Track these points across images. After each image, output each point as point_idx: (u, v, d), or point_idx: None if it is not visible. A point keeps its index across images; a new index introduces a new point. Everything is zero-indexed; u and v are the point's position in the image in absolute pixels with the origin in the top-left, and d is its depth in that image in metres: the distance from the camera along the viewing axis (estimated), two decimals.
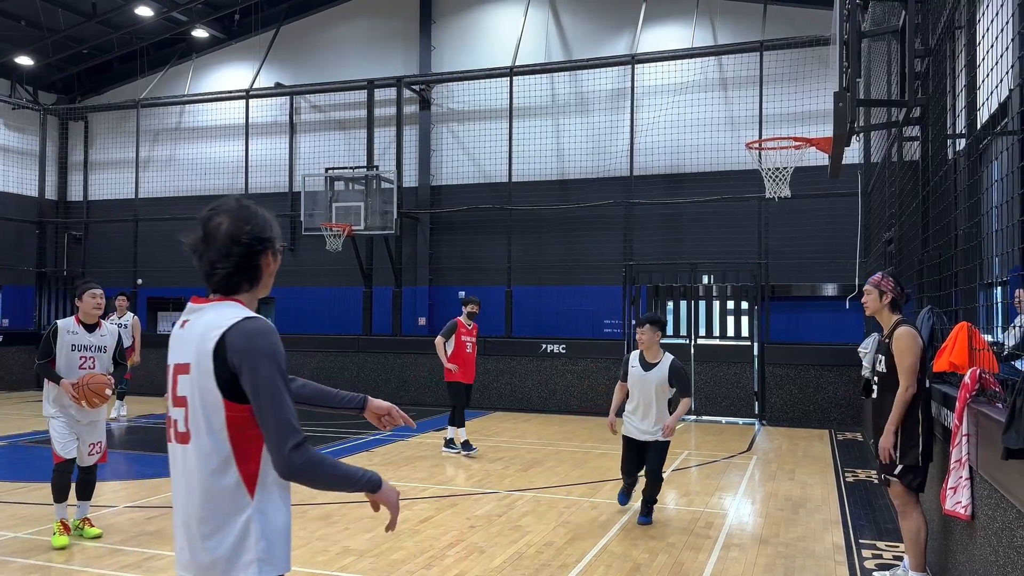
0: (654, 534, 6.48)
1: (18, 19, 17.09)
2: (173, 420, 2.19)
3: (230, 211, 2.22)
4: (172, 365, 2.21)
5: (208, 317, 2.16)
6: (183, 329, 2.22)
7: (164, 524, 6.60)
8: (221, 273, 2.19)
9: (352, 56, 17.84)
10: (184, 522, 2.16)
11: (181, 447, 2.16)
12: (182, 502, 2.17)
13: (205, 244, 2.19)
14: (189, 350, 2.14)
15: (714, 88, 15.23)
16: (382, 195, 15.74)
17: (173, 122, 19.38)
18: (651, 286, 14.70)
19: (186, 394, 2.14)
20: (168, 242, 18.76)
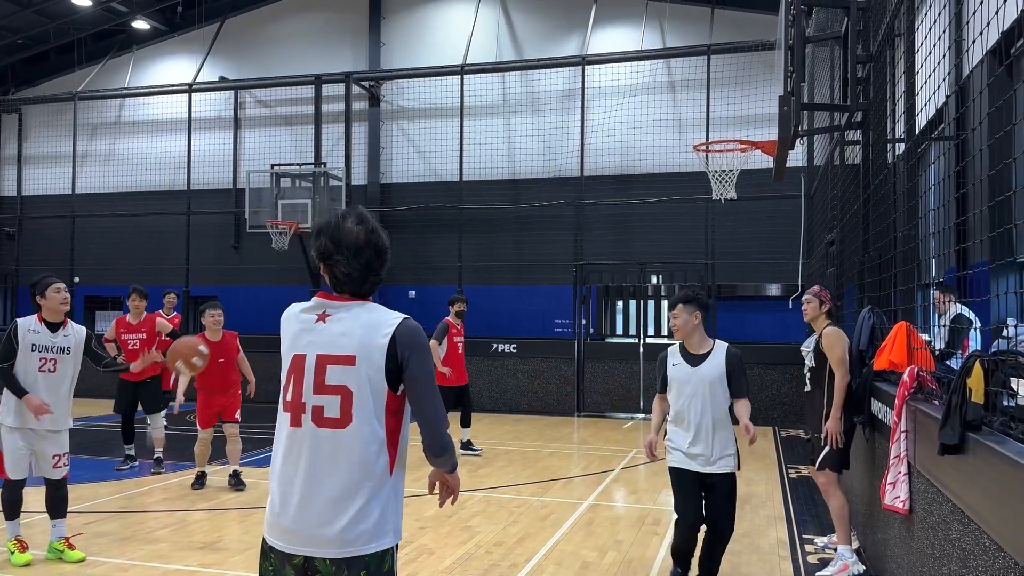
0: (602, 532, 6.52)
1: None
2: (312, 407, 2.37)
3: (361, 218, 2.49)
4: (313, 355, 2.40)
5: (368, 316, 2.43)
6: (326, 323, 2.43)
7: (106, 529, 6.39)
8: (356, 274, 2.45)
9: (299, 51, 17.56)
10: (325, 500, 2.34)
11: (331, 431, 2.36)
12: (323, 482, 2.34)
13: (337, 246, 2.44)
14: (348, 343, 2.38)
15: (663, 90, 15.42)
16: (330, 193, 15.52)
17: (112, 116, 18.80)
18: (601, 286, 14.82)
19: (345, 383, 2.36)
20: (107, 239, 18.21)
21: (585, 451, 10.57)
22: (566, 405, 14.23)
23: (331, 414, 2.36)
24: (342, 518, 2.33)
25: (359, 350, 2.37)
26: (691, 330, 4.96)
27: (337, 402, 2.36)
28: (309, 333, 2.45)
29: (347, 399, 2.36)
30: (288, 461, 2.41)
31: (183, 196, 17.44)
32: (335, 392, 2.37)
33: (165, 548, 5.94)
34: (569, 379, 14.27)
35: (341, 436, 2.36)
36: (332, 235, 2.45)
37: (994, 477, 2.58)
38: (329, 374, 2.38)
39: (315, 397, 2.38)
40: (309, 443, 2.38)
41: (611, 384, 14.11)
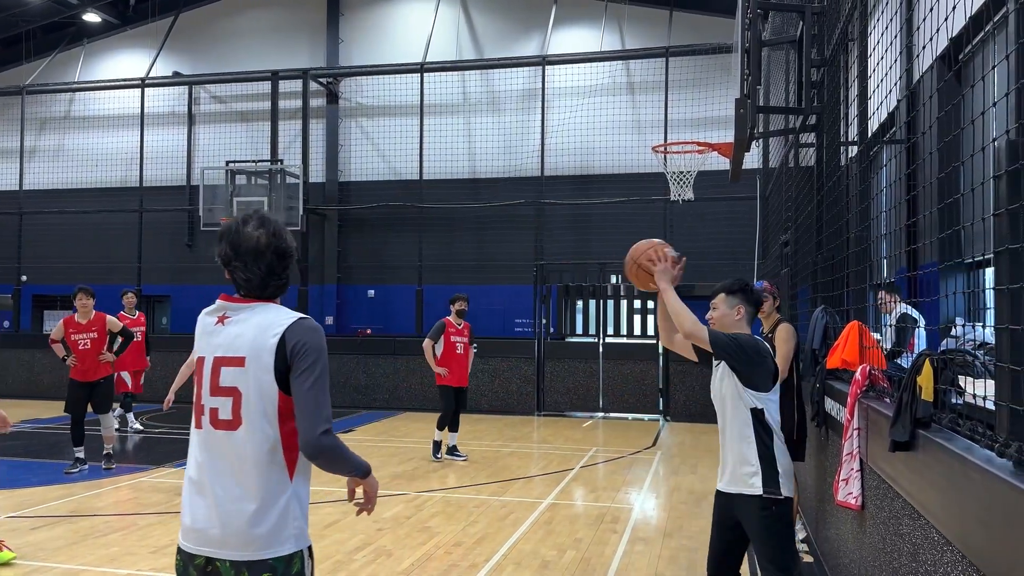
0: (562, 531, 6.53)
1: None
2: (210, 408, 2.37)
3: (263, 222, 2.45)
4: (211, 357, 2.40)
5: (261, 317, 2.39)
6: (224, 325, 2.42)
7: (54, 534, 6.21)
8: (256, 277, 2.43)
9: (256, 46, 17.29)
10: (216, 502, 2.32)
11: (225, 433, 2.34)
12: (222, 484, 2.33)
13: (237, 251, 2.41)
14: (240, 345, 2.36)
15: (622, 92, 15.53)
16: (287, 190, 15.33)
17: (62, 110, 18.30)
18: (561, 285, 14.87)
19: (236, 385, 2.34)
20: (56, 236, 17.72)
21: (545, 450, 10.59)
22: (526, 404, 14.25)
23: (224, 416, 2.35)
24: (237, 521, 2.31)
25: (249, 351, 2.35)
26: (729, 325, 4.00)
27: (229, 404, 2.35)
28: (209, 336, 2.44)
29: (237, 401, 2.34)
30: (193, 462, 2.41)
31: (135, 193, 17.05)
32: (227, 394, 2.36)
33: (116, 552, 5.80)
34: (529, 378, 14.29)
35: (234, 438, 2.34)
36: (231, 240, 2.43)
37: (943, 473, 2.64)
38: (223, 376, 2.37)
39: (211, 399, 2.38)
40: (208, 445, 2.38)
41: (571, 383, 14.17)
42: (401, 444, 10.90)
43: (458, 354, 9.57)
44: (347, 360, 15.01)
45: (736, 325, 4.00)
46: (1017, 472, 2.10)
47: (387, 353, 14.88)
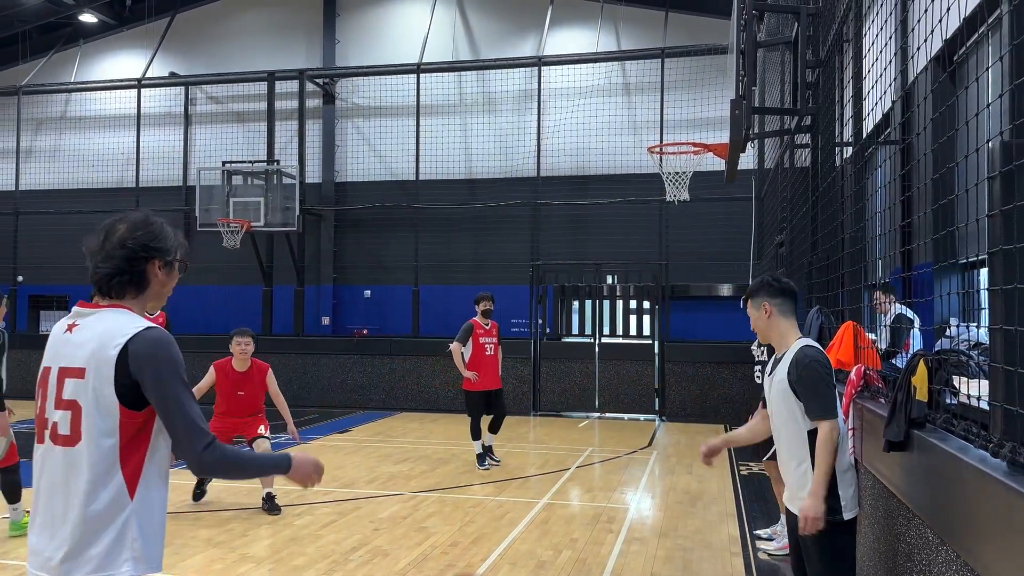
0: (558, 531, 6.54)
1: None
2: (52, 422, 2.21)
3: (129, 219, 2.34)
4: (56, 368, 2.24)
5: (105, 325, 2.21)
6: (71, 333, 2.24)
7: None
8: (102, 272, 2.26)
9: (252, 47, 17.28)
10: (52, 521, 2.18)
11: (63, 449, 2.19)
12: (58, 502, 2.19)
13: (100, 247, 2.28)
14: (82, 355, 2.19)
15: (618, 93, 15.55)
16: (283, 191, 15.31)
17: (58, 111, 18.26)
18: (557, 286, 14.89)
19: (76, 398, 2.18)
20: (53, 237, 17.66)
21: (541, 450, 10.60)
22: (522, 404, 14.25)
23: (63, 431, 2.19)
24: (68, 542, 2.15)
25: (88, 362, 2.17)
26: (763, 327, 3.60)
27: (68, 418, 2.19)
28: (57, 345, 2.28)
29: (76, 415, 2.18)
30: (35, 479, 2.26)
31: (131, 193, 17.01)
32: (68, 407, 2.19)
33: None
34: (525, 379, 14.29)
35: (72, 454, 2.18)
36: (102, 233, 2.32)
37: (937, 473, 2.65)
38: (65, 388, 2.21)
39: (55, 412, 2.22)
40: (48, 461, 2.23)
41: (567, 384, 14.18)
42: (397, 444, 10.90)
43: (488, 356, 9.21)
44: (343, 360, 15.00)
45: (772, 323, 3.54)
46: (1011, 472, 2.12)
47: (383, 353, 14.87)
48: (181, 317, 16.64)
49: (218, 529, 6.48)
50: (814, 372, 3.24)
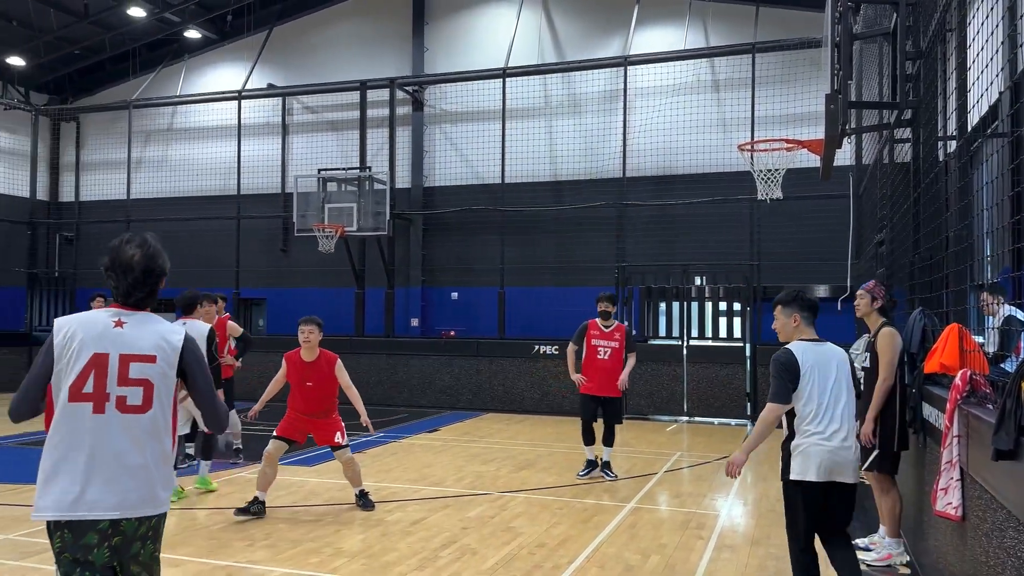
0: (645, 535, 6.48)
1: (9, 19, 17.01)
2: (116, 396, 2.84)
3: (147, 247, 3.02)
4: (116, 353, 2.86)
5: (158, 325, 2.98)
6: (121, 329, 2.90)
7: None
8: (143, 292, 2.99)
9: (345, 57, 17.82)
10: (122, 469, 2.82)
11: (134, 416, 2.86)
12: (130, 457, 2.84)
13: (144, 274, 2.97)
14: (144, 345, 2.90)
15: (706, 90, 15.28)
16: (374, 196, 15.72)
17: (165, 123, 19.31)
18: (643, 287, 14.73)
19: (147, 377, 2.88)
20: (161, 243, 18.66)
21: (628, 454, 10.51)
22: None
23: (134, 402, 2.85)
24: (144, 486, 2.84)
25: (156, 351, 2.91)
26: (789, 332, 4.48)
27: (140, 392, 2.86)
28: (108, 335, 2.88)
29: (148, 390, 2.88)
30: (91, 441, 2.80)
31: (233, 201, 17.82)
32: (138, 384, 2.86)
33: (214, 544, 6.09)
34: None
35: (143, 420, 2.87)
36: (111, 256, 2.96)
37: None
38: (131, 369, 2.86)
39: (119, 388, 2.84)
40: (111, 426, 2.82)
41: (654, 386, 14.01)
42: (484, 444, 11.02)
43: (600, 360, 8.57)
44: (431, 361, 15.28)
45: (796, 331, 4.49)
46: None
47: (470, 355, 15.06)
48: (280, 318, 17.34)
49: (313, 524, 6.72)
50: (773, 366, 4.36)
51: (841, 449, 4.25)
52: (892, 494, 5.57)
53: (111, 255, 2.95)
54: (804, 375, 4.27)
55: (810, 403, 4.27)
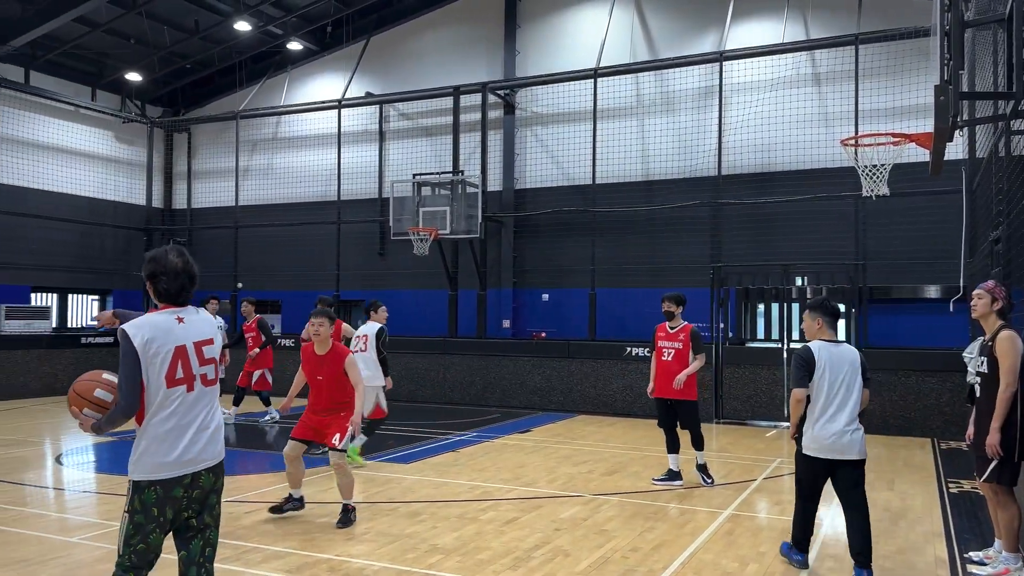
0: (744, 543, 6.33)
1: (127, 37, 18.14)
2: (200, 374, 3.57)
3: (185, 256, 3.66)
4: (191, 342, 3.55)
5: (203, 316, 3.70)
6: (184, 323, 3.57)
7: (262, 517, 6.88)
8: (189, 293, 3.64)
9: (439, 64, 18.16)
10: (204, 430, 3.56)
11: (211, 388, 3.63)
12: (210, 419, 3.60)
13: (189, 278, 3.63)
14: (205, 331, 3.64)
15: (807, 84, 14.79)
16: (467, 199, 15.95)
17: (270, 132, 20.17)
18: (740, 288, 14.38)
19: (213, 356, 3.65)
20: (266, 247, 19.55)
21: (724, 459, 10.29)
22: (704, 411, 13.83)
23: (211, 377, 3.63)
24: (219, 439, 3.65)
25: (213, 335, 3.66)
26: (813, 333, 5.55)
27: (212, 368, 3.63)
28: (176, 330, 3.53)
29: (215, 366, 3.66)
30: (188, 413, 3.52)
31: (333, 206, 18.45)
32: (210, 362, 3.63)
33: (315, 538, 6.32)
34: (706, 384, 13.91)
35: (214, 390, 3.65)
36: (157, 265, 3.57)
37: None
38: (204, 351, 3.60)
39: (201, 368, 3.57)
40: (203, 398, 3.59)
41: (752, 390, 13.64)
42: (576, 446, 11.01)
43: (664, 361, 8.44)
44: (523, 362, 15.36)
45: (819, 332, 5.52)
46: None
47: (562, 356, 15.07)
48: None
49: (409, 521, 6.89)
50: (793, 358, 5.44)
51: (845, 433, 5.31)
52: (1011, 507, 5.28)
53: (156, 265, 3.56)
54: (819, 369, 5.31)
55: (820, 393, 5.33)
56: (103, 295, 19.88)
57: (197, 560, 3.57)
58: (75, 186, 18.88)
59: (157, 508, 3.42)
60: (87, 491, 8.10)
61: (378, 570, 5.53)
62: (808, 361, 5.35)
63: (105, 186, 19.73)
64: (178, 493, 3.46)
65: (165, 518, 3.45)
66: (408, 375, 16.08)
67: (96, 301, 19.91)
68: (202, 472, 3.52)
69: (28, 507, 7.32)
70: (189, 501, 3.51)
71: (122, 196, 20.19)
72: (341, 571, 5.51)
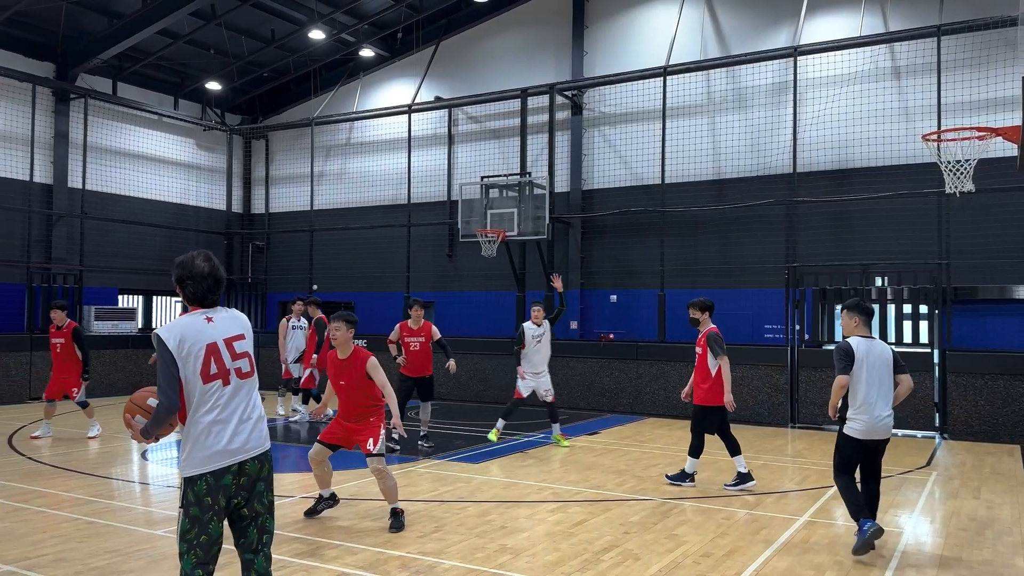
0: (821, 550, 6.16)
1: (207, 48, 18.84)
2: (235, 368, 3.74)
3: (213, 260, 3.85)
4: (222, 339, 3.73)
5: (232, 314, 3.87)
6: (213, 322, 3.76)
7: (337, 514, 7.05)
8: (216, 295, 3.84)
9: (507, 66, 18.25)
10: (246, 421, 3.73)
11: (247, 380, 3.80)
12: (252, 411, 3.77)
13: (215, 281, 3.82)
14: (235, 328, 3.82)
15: (886, 77, 14.29)
16: (534, 201, 15.97)
17: (343, 138, 20.63)
18: (817, 289, 13.98)
19: (246, 350, 3.82)
20: (339, 250, 20.01)
21: (800, 464, 10.03)
22: (778, 415, 13.57)
23: (246, 370, 3.79)
24: (262, 430, 3.81)
25: (244, 331, 3.85)
26: (851, 330, 6.36)
27: (246, 362, 3.80)
28: (208, 328, 3.72)
29: (250, 360, 3.82)
30: (228, 406, 3.70)
31: (404, 209, 18.75)
32: (243, 356, 3.79)
33: (390, 536, 6.44)
34: (781, 388, 13.59)
35: (251, 382, 3.82)
36: (185, 270, 3.76)
37: None
38: (236, 346, 3.77)
39: (234, 362, 3.74)
40: (241, 391, 3.76)
41: (828, 395, 13.21)
42: (646, 449, 10.90)
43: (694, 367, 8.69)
44: (590, 364, 15.29)
45: (856, 329, 6.34)
46: None
47: (630, 358, 14.93)
48: (447, 321, 18.02)
49: (478, 520, 6.94)
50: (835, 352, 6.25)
51: (879, 419, 6.08)
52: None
53: (183, 270, 3.75)
54: (858, 361, 6.11)
55: (860, 383, 6.10)
56: None
57: (254, 547, 3.74)
58: (160, 192, 19.71)
59: (210, 497, 3.60)
60: (170, 486, 8.44)
61: (448, 568, 5.60)
62: (849, 353, 6.14)
63: (187, 192, 20.53)
64: (228, 481, 3.63)
65: (219, 506, 3.63)
66: (476, 376, 16.19)
67: (179, 303, 20.72)
68: (247, 460, 3.68)
69: (116, 500, 7.68)
70: (238, 488, 3.67)
71: (203, 201, 20.96)
72: (413, 568, 5.60)
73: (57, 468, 9.07)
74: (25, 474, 8.72)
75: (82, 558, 5.72)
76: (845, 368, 6.12)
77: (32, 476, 8.61)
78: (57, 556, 5.75)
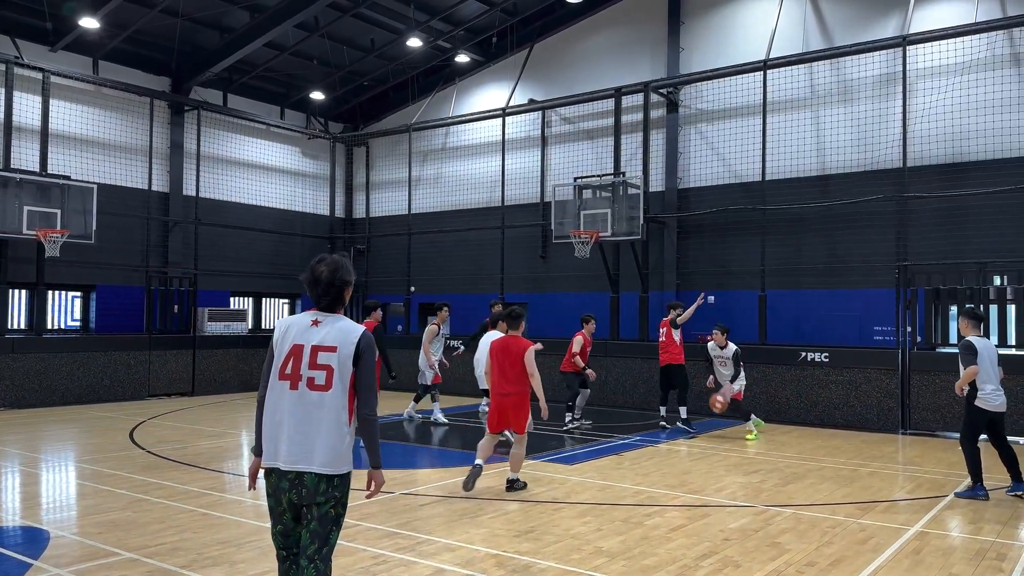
0: (932, 563, 5.85)
1: (310, 58, 19.56)
2: (308, 377, 3.63)
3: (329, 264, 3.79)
4: (309, 344, 3.66)
5: (343, 324, 3.73)
6: (316, 327, 3.70)
7: (436, 511, 7.19)
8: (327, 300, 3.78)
9: (600, 66, 18.15)
10: (303, 434, 3.60)
11: (318, 393, 3.62)
12: (313, 425, 3.60)
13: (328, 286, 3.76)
14: (331, 338, 3.67)
15: (1004, 65, 13.42)
16: (628, 201, 15.82)
17: (439, 143, 21.01)
18: (930, 289, 13.26)
19: (329, 363, 3.63)
20: (436, 252, 20.39)
21: (912, 472, 9.54)
22: (888, 421, 12.94)
23: (320, 382, 3.62)
24: (323, 447, 3.59)
25: (339, 343, 3.65)
26: (968, 332, 8.14)
27: (324, 375, 3.62)
28: (307, 331, 3.69)
29: (329, 373, 3.62)
30: (287, 411, 3.62)
31: (498, 212, 18.92)
32: (322, 368, 3.62)
33: (485, 533, 6.52)
34: (891, 392, 12.95)
35: (324, 396, 3.62)
36: (308, 272, 3.77)
37: None
38: (319, 357, 3.63)
39: (310, 371, 3.63)
40: (303, 400, 3.62)
41: (944, 399, 12.52)
42: (746, 455, 10.61)
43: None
44: (688, 366, 14.95)
45: (971, 331, 8.13)
46: None
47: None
48: (540, 321, 18.09)
49: (576, 521, 6.93)
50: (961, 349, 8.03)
51: (997, 396, 7.92)
52: None
53: (306, 273, 3.78)
54: (980, 355, 7.90)
55: (983, 371, 7.90)
56: (292, 299, 21.53)
57: (307, 552, 3.59)
58: (267, 199, 20.59)
59: (274, 497, 3.66)
60: None
61: (544, 568, 5.61)
62: (973, 349, 7.93)
63: (293, 198, 21.37)
64: (285, 486, 3.60)
65: (282, 506, 3.64)
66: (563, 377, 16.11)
67: (287, 304, 21.60)
68: (306, 474, 3.57)
69: (227, 493, 8.07)
70: (299, 497, 3.59)
71: (308, 207, 21.78)
72: (508, 567, 5.64)
73: (173, 462, 9.62)
74: (144, 467, 9.28)
75: (197, 548, 6.04)
76: (972, 360, 7.88)
77: (151, 469, 9.16)
78: (174, 546, 6.10)
